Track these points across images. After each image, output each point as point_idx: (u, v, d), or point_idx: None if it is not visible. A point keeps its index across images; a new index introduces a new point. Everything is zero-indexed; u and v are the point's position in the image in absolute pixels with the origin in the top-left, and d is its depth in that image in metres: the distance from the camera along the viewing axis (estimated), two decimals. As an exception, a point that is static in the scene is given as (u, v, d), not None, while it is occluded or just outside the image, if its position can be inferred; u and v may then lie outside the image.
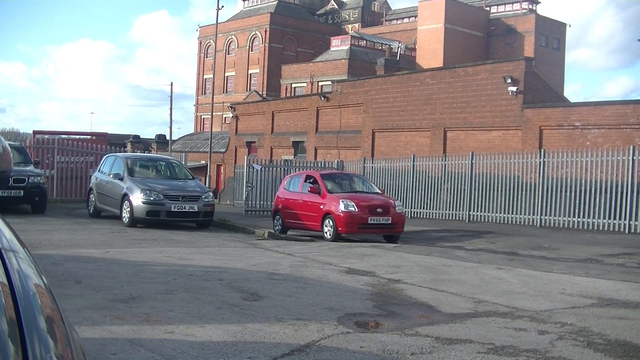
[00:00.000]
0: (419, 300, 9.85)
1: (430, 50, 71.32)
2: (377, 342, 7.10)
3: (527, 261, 15.21)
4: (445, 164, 29.93)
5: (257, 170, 32.59)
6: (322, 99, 43.36)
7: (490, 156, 27.79)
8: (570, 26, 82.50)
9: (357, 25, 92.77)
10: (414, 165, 31.19)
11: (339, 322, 8.04)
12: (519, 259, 15.81)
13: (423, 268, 13.65)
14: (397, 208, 20.49)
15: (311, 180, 22.15)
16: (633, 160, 23.25)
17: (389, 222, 20.11)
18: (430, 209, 30.20)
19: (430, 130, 35.09)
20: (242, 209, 31.93)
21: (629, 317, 8.74)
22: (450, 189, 29.36)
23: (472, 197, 28.06)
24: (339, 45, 73.85)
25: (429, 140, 35.13)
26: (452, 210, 28.97)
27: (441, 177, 29.84)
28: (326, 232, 20.36)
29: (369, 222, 19.86)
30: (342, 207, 19.84)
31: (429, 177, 30.54)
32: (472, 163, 28.26)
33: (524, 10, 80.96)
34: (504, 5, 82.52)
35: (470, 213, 28.11)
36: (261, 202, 32.61)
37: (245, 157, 34.90)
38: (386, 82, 38.66)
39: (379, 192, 22.43)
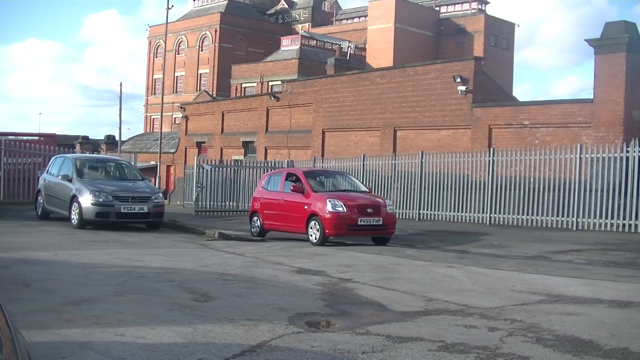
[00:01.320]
0: (370, 299, 9.88)
1: (380, 50, 71.53)
2: (328, 341, 7.12)
3: (477, 259, 15.35)
4: (395, 163, 30.08)
5: (207, 170, 32.50)
6: (273, 98, 43.33)
7: (440, 155, 27.98)
8: (519, 26, 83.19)
9: (307, 25, 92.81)
10: (364, 164, 31.31)
11: (290, 322, 8.05)
12: (469, 256, 15.95)
13: (374, 267, 13.69)
14: (387, 208, 19.24)
15: (293, 179, 20.79)
16: (580, 158, 23.57)
17: (380, 223, 18.82)
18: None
19: (381, 130, 35.21)
20: (192, 210, 31.80)
21: (577, 312, 8.85)
22: (401, 188, 29.51)
23: (422, 196, 28.24)
24: (289, 45, 73.80)
25: (379, 139, 35.25)
26: (403, 209, 29.11)
27: (391, 177, 29.98)
28: (311, 235, 18.92)
29: (359, 223, 18.56)
30: (329, 207, 18.48)
31: (379, 177, 30.67)
32: (422, 162, 28.44)
33: (473, 10, 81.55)
34: (453, 5, 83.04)
35: (420, 212, 28.30)
36: (212, 203, 32.56)
37: (195, 157, 34.85)
38: (336, 82, 38.73)
39: (367, 190, 21.33)
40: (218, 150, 47.76)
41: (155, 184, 46.31)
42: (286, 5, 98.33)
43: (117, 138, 70.96)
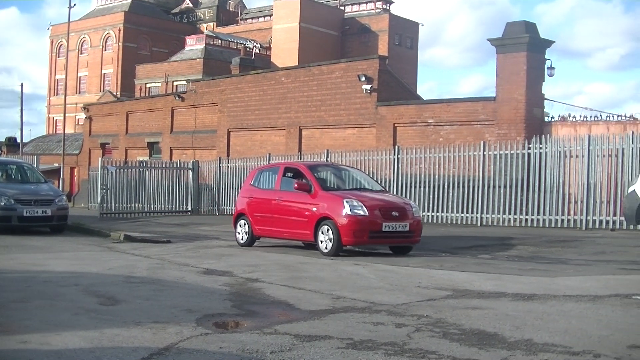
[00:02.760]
0: (277, 299, 9.88)
1: (285, 49, 71.56)
2: (236, 342, 7.09)
3: (384, 256, 15.47)
4: (301, 163, 30.08)
5: (111, 172, 32.10)
6: (177, 98, 42.95)
7: (345, 154, 28.12)
8: (423, 25, 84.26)
9: (212, 24, 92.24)
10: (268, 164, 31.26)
11: (198, 324, 7.98)
12: (375, 254, 16.07)
13: (281, 266, 13.69)
14: (414, 211, 16.35)
15: (292, 174, 17.70)
16: (483, 155, 24.01)
17: (407, 229, 15.83)
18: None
19: (286, 129, 35.23)
20: (97, 212, 31.35)
21: (482, 306, 8.99)
22: (307, 187, 29.49)
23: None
24: (194, 45, 73.30)
25: (284, 139, 35.25)
26: (310, 208, 29.12)
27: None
28: (322, 243, 15.83)
29: (384, 229, 15.53)
30: (346, 209, 15.44)
31: (285, 176, 30.60)
32: (327, 161, 28.52)
33: (378, 10, 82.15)
34: (358, 5, 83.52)
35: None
36: (117, 205, 32.18)
37: (100, 158, 34.29)
38: (241, 82, 38.61)
39: (383, 189, 18.88)
40: (123, 151, 47.12)
41: (58, 187, 45.55)
42: (191, 5, 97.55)
43: (18, 140, 69.46)
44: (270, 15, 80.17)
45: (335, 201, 15.88)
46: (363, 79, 31.31)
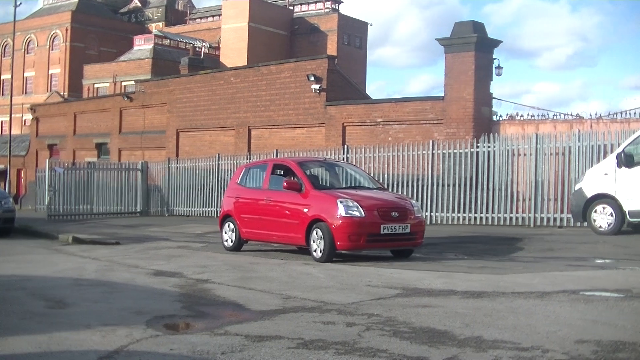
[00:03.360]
0: (227, 299, 9.84)
1: (234, 49, 71.38)
2: (187, 343, 7.05)
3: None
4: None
5: (59, 173, 31.76)
6: (126, 99, 42.65)
7: (294, 153, 28.08)
8: (372, 25, 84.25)
9: (161, 24, 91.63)
10: (218, 164, 31.25)
11: (148, 326, 7.92)
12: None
13: (231, 267, 13.65)
14: (415, 210, 15.00)
15: (282, 172, 16.50)
16: (432, 154, 24.17)
17: (408, 230, 14.48)
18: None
19: (235, 129, 35.14)
20: (45, 214, 31.00)
21: (432, 304, 9.04)
22: (257, 187, 29.43)
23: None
24: (143, 45, 72.81)
25: (233, 139, 35.17)
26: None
27: (247, 176, 29.89)
28: (314, 248, 14.49)
29: (382, 232, 14.16)
30: (341, 210, 14.05)
31: (235, 176, 30.56)
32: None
33: (327, 10, 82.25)
34: (307, 5, 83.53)
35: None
36: (65, 207, 31.85)
37: (47, 160, 34.00)
38: (190, 82, 38.44)
39: (381, 187, 17.20)
40: (71, 152, 46.64)
41: (5, 189, 44.94)
42: (139, 4, 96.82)
43: (-38, 142, 68.50)
44: (219, 15, 79.90)
45: (328, 201, 14.47)
46: (312, 78, 31.34)
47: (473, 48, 25.64)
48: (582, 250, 15.32)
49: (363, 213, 14.03)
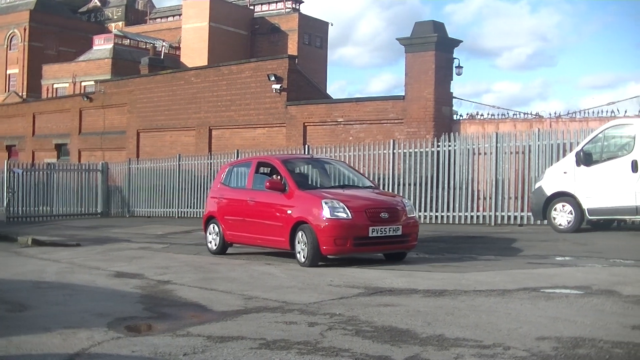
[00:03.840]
0: (189, 300, 9.82)
1: (195, 49, 71.08)
2: (148, 345, 7.02)
3: (296, 256, 15.43)
4: (211, 163, 30.02)
5: (18, 174, 31.44)
6: (86, 99, 42.34)
7: (255, 153, 28.01)
8: (332, 25, 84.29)
9: (121, 23, 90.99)
10: (179, 165, 31.13)
11: (109, 328, 7.87)
12: (287, 254, 16.02)
13: (192, 267, 13.62)
14: (408, 210, 14.10)
15: (267, 171, 15.82)
16: (393, 153, 24.25)
17: (399, 232, 13.60)
18: (197, 208, 30.17)
19: (196, 129, 35.03)
20: (3, 216, 30.68)
21: (394, 303, 9.06)
22: (217, 188, 29.38)
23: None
24: (102, 45, 72.22)
25: (194, 139, 35.05)
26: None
27: (207, 176, 29.88)
28: (299, 252, 13.74)
29: (371, 234, 13.29)
30: (326, 211, 13.22)
31: (195, 177, 30.54)
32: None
33: (287, 10, 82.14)
34: (268, 5, 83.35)
35: (239, 210, 28.28)
36: (24, 208, 31.55)
37: (6, 161, 33.68)
38: (151, 82, 38.25)
39: (373, 185, 16.25)
40: (30, 153, 46.19)
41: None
42: (99, 4, 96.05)
43: None
44: (180, 15, 79.52)
45: (313, 202, 13.63)
46: (273, 78, 31.32)
47: (433, 48, 25.77)
48: (542, 248, 15.44)
49: (350, 214, 13.22)
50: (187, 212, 30.73)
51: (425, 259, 14.47)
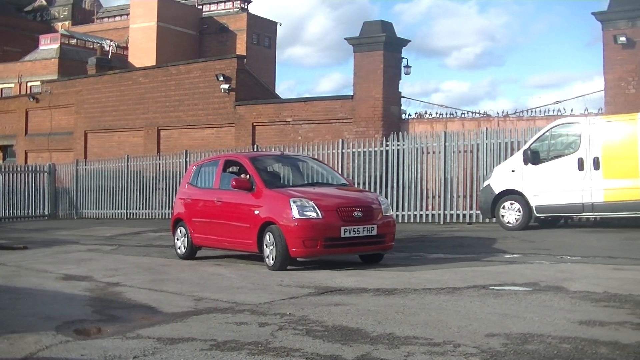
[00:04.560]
0: (139, 302, 9.74)
1: (143, 49, 70.58)
2: (98, 348, 6.94)
3: (248, 257, 15.41)
4: (159, 164, 29.92)
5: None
6: (32, 100, 41.88)
7: (204, 154, 27.90)
8: (280, 24, 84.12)
9: (67, 23, 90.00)
10: (127, 165, 30.94)
11: (58, 331, 7.76)
12: (242, 255, 15.96)
13: (142, 269, 13.52)
14: (383, 208, 13.33)
15: (235, 169, 15.11)
16: (342, 153, 24.33)
17: (374, 232, 12.82)
18: (146, 209, 30.08)
19: (144, 130, 34.84)
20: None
21: (344, 302, 9.08)
22: (166, 188, 29.33)
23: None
24: (49, 44, 71.36)
25: (143, 139, 34.85)
26: (168, 209, 28.91)
27: (156, 177, 29.75)
28: (267, 255, 12.90)
29: (343, 235, 12.48)
30: (294, 211, 12.46)
31: (143, 178, 30.40)
32: (186, 161, 28.34)
33: (236, 9, 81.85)
34: (216, 4, 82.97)
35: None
36: (-31, 211, 31.10)
37: (-51, 164, 33.11)
38: (98, 82, 37.94)
39: (347, 182, 15.22)
40: (-26, 155, 45.65)
41: None
42: (45, 3, 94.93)
43: None
44: (127, 15, 78.86)
45: (281, 201, 12.84)
46: (221, 78, 31.28)
47: (382, 47, 25.91)
48: (491, 246, 15.57)
49: (320, 214, 12.43)
50: (136, 213, 30.56)
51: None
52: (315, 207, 12.45)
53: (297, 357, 6.39)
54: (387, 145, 23.74)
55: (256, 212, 13.18)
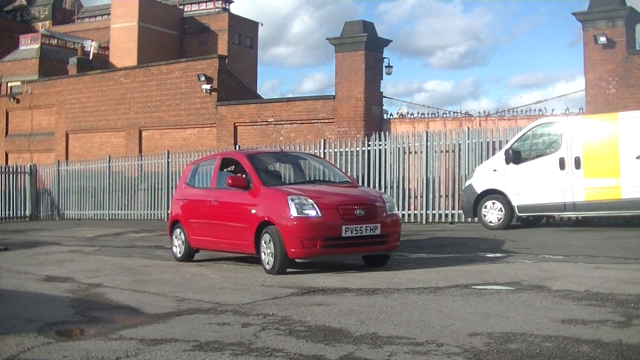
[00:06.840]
0: (121, 303, 9.71)
1: (124, 49, 70.35)
2: (80, 350, 6.91)
3: (230, 257, 15.37)
4: (141, 164, 29.84)
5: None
6: (12, 100, 41.66)
7: (186, 154, 27.94)
8: (262, 25, 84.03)
9: (48, 23, 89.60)
10: (109, 166, 30.85)
11: (40, 333, 7.72)
12: (224, 256, 15.92)
13: (124, 270, 13.47)
14: (387, 207, 12.65)
15: (232, 168, 14.51)
16: (324, 153, 24.32)
17: (377, 231, 12.10)
18: (128, 210, 30.01)
19: (125, 130, 34.75)
20: None
21: (327, 302, 9.07)
22: (148, 189, 29.26)
23: (170, 196, 28.04)
24: (29, 44, 70.98)
25: (124, 140, 34.76)
26: (150, 209, 28.96)
27: (138, 177, 29.68)
28: (265, 257, 12.30)
29: (344, 234, 11.80)
30: (292, 210, 11.80)
31: (125, 178, 30.32)
32: (168, 162, 28.32)
33: (217, 9, 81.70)
34: (197, 4, 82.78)
35: (168, 212, 28.09)
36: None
37: None
38: (79, 82, 37.81)
39: (349, 180, 14.47)
40: (-46, 156, 45.36)
41: None
42: (25, 2, 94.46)
43: None
44: (108, 14, 78.58)
45: (278, 199, 12.17)
46: (203, 78, 31.28)
47: (363, 47, 25.95)
48: (473, 245, 15.61)
49: (320, 212, 11.78)
50: (118, 214, 30.48)
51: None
52: (315, 205, 11.85)
53: (280, 358, 6.38)
54: (369, 145, 23.76)
55: (253, 211, 12.61)
